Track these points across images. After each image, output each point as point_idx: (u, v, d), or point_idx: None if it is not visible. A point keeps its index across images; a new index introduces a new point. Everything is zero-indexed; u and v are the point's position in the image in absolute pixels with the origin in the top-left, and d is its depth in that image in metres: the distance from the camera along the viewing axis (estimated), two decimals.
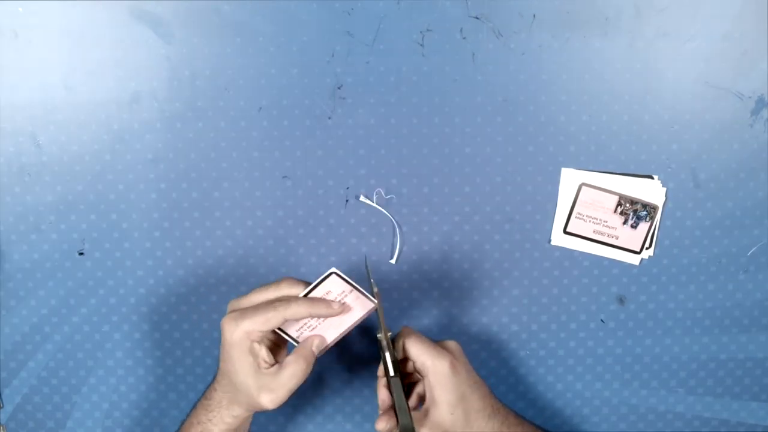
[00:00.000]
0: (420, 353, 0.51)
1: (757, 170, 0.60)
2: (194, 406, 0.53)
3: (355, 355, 0.63)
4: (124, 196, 0.60)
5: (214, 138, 0.59)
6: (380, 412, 0.53)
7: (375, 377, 0.56)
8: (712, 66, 0.59)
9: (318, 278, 0.51)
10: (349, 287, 0.51)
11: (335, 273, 0.51)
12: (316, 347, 0.50)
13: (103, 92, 0.58)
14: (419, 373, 0.53)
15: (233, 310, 0.50)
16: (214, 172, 0.60)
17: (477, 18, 0.58)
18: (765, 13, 0.58)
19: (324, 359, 0.63)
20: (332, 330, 0.51)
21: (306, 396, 0.63)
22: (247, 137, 0.59)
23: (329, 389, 0.63)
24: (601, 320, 0.62)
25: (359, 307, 0.51)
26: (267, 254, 0.61)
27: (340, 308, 0.50)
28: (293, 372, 0.49)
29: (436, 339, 0.56)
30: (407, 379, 0.55)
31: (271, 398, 0.48)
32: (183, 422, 0.54)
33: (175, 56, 0.58)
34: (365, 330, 0.62)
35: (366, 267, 0.56)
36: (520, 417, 0.56)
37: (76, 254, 0.60)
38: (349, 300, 0.51)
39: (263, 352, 0.49)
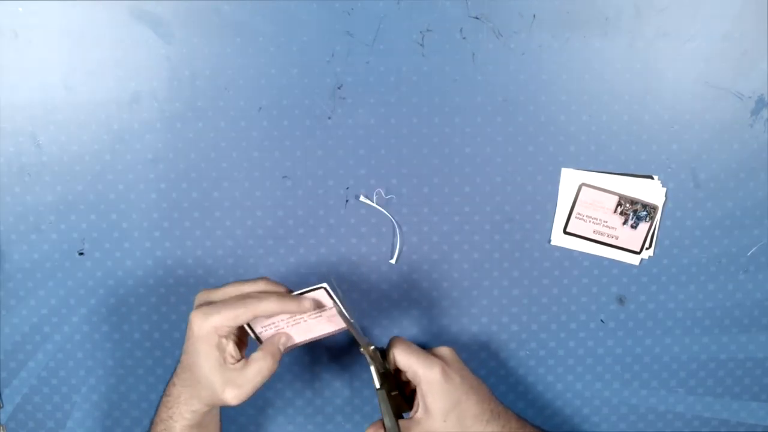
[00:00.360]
0: (410, 363, 0.50)
1: (757, 170, 0.60)
2: (157, 406, 0.53)
3: (354, 356, 0.63)
4: (124, 196, 0.60)
5: (214, 138, 0.59)
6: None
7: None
8: (712, 66, 0.59)
9: (308, 287, 0.50)
10: (331, 303, 0.51)
11: (325, 288, 0.50)
12: (282, 345, 0.50)
13: (103, 92, 0.58)
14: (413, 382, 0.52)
15: (202, 303, 0.49)
16: (214, 172, 0.60)
17: (477, 18, 0.58)
18: (765, 13, 0.58)
19: (324, 359, 0.63)
20: (299, 335, 0.51)
21: (306, 396, 0.63)
22: (247, 137, 0.59)
23: (329, 389, 0.63)
24: (601, 320, 0.62)
25: (333, 322, 0.51)
26: (267, 254, 0.61)
27: (311, 305, 0.49)
28: (260, 368, 0.48)
29: (436, 339, 0.56)
30: (407, 386, 0.54)
31: (235, 394, 0.48)
32: (150, 424, 0.54)
33: (175, 56, 0.58)
34: (365, 331, 0.62)
35: (335, 289, 0.53)
36: (523, 420, 0.55)
37: (76, 254, 0.60)
38: (325, 314, 0.51)
39: (230, 347, 0.48)
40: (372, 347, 0.51)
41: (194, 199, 0.60)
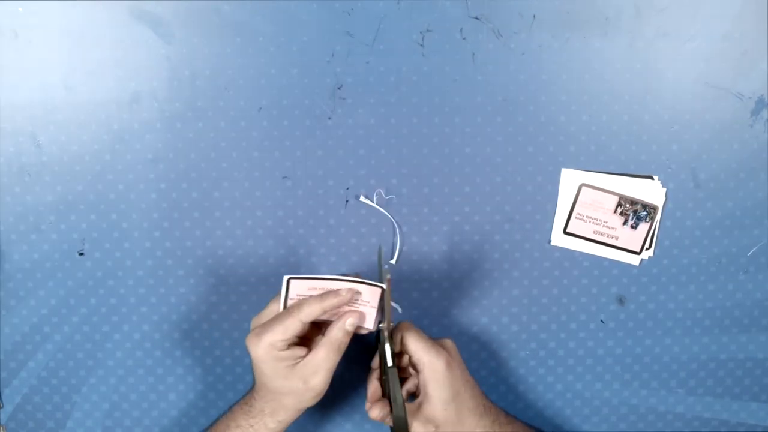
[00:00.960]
0: (418, 348, 0.52)
1: (757, 170, 0.60)
2: (231, 410, 0.54)
3: (353, 355, 0.63)
4: (124, 196, 0.60)
5: (214, 138, 0.59)
6: (369, 402, 0.54)
7: None
8: (712, 66, 0.59)
9: (371, 281, 0.52)
10: (377, 301, 0.52)
11: (382, 289, 0.51)
12: (350, 324, 0.51)
13: (103, 92, 0.58)
14: (414, 368, 0.54)
15: (255, 327, 0.51)
16: (214, 172, 0.60)
17: (477, 18, 0.58)
18: (765, 13, 0.58)
19: None
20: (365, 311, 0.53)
21: None
22: (247, 137, 0.59)
23: (329, 389, 0.63)
24: (601, 320, 0.62)
25: (368, 321, 0.53)
26: (267, 254, 0.61)
27: (348, 293, 0.50)
28: (328, 346, 0.50)
29: (434, 338, 0.56)
30: (400, 373, 0.55)
31: (317, 381, 0.50)
32: (215, 422, 0.55)
33: (175, 56, 0.58)
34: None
35: (379, 256, 0.56)
36: (511, 416, 0.56)
37: (76, 254, 0.60)
38: (364, 291, 0.52)
39: (292, 352, 0.50)
40: (393, 325, 0.53)
41: (194, 199, 0.60)
